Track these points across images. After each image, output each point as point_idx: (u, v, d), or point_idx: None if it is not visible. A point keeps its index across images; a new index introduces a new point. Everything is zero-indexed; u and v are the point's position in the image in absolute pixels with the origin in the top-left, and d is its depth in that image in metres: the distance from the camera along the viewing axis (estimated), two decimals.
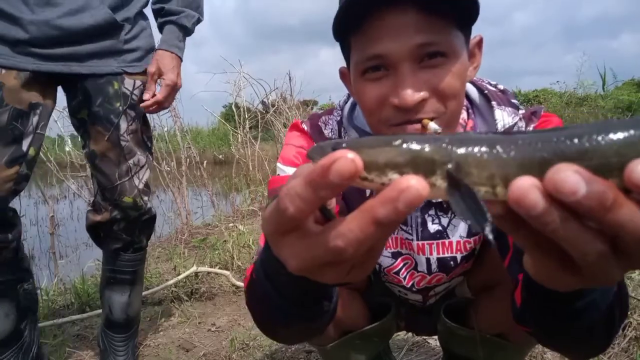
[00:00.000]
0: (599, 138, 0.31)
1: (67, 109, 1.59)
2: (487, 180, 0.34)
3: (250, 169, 6.35)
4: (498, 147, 0.34)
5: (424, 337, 1.80)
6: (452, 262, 1.00)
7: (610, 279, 0.36)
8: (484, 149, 0.34)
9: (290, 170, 0.93)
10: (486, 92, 0.96)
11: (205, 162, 6.69)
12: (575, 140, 0.32)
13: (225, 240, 3.02)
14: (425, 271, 1.02)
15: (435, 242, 0.98)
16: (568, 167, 0.30)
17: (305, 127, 0.99)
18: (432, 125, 0.75)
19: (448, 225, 0.97)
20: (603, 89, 6.40)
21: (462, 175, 0.34)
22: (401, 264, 1.03)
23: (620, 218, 0.30)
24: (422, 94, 0.74)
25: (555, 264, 0.37)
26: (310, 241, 0.39)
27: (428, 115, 0.75)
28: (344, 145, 0.36)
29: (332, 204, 0.43)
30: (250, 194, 5.85)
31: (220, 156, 8.59)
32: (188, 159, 5.18)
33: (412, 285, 1.06)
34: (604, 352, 0.67)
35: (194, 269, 2.33)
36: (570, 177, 0.29)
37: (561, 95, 5.42)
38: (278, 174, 0.95)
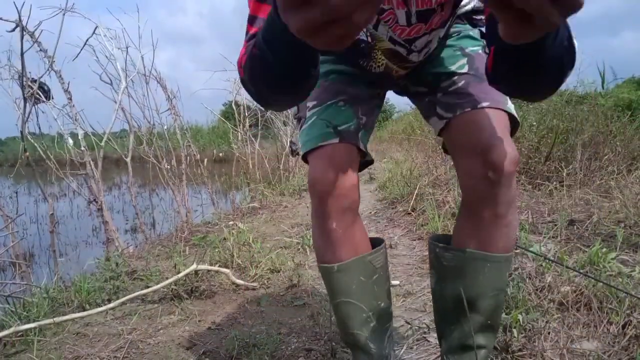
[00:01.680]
0: None
1: (67, 107, 1.54)
2: None
3: (250, 167, 6.36)
4: None
5: (424, 335, 1.80)
6: (431, 13, 1.06)
7: (554, 23, 0.52)
8: None
9: None
10: None
11: (205, 160, 6.71)
12: None
13: (225, 238, 3.02)
14: (405, 24, 1.06)
15: None
16: None
17: None
18: None
19: None
20: (603, 87, 6.39)
21: None
22: (385, 19, 1.07)
23: None
24: None
25: (516, 20, 0.52)
26: (316, 8, 0.51)
27: None
28: None
29: None
30: (250, 192, 5.85)
31: (220, 154, 8.60)
32: (188, 157, 5.18)
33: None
34: (555, 92, 0.91)
35: (194, 267, 2.33)
36: None
37: (561, 93, 5.41)
38: None
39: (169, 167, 5.28)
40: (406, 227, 3.65)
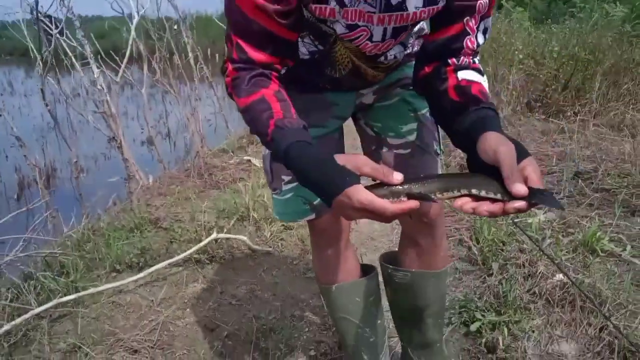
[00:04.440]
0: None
1: None
2: None
3: None
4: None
5: None
6: (403, 30, 1.09)
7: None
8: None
9: None
10: None
11: (217, 55, 6.62)
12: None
13: (239, 190, 3.17)
14: (380, 40, 1.08)
15: (394, 14, 1.01)
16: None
17: None
18: None
19: None
20: None
21: None
22: (356, 35, 1.06)
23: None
24: None
25: None
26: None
27: None
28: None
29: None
30: None
31: None
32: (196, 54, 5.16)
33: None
34: None
35: (214, 235, 2.51)
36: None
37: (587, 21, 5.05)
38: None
39: (179, 63, 5.29)
40: None
